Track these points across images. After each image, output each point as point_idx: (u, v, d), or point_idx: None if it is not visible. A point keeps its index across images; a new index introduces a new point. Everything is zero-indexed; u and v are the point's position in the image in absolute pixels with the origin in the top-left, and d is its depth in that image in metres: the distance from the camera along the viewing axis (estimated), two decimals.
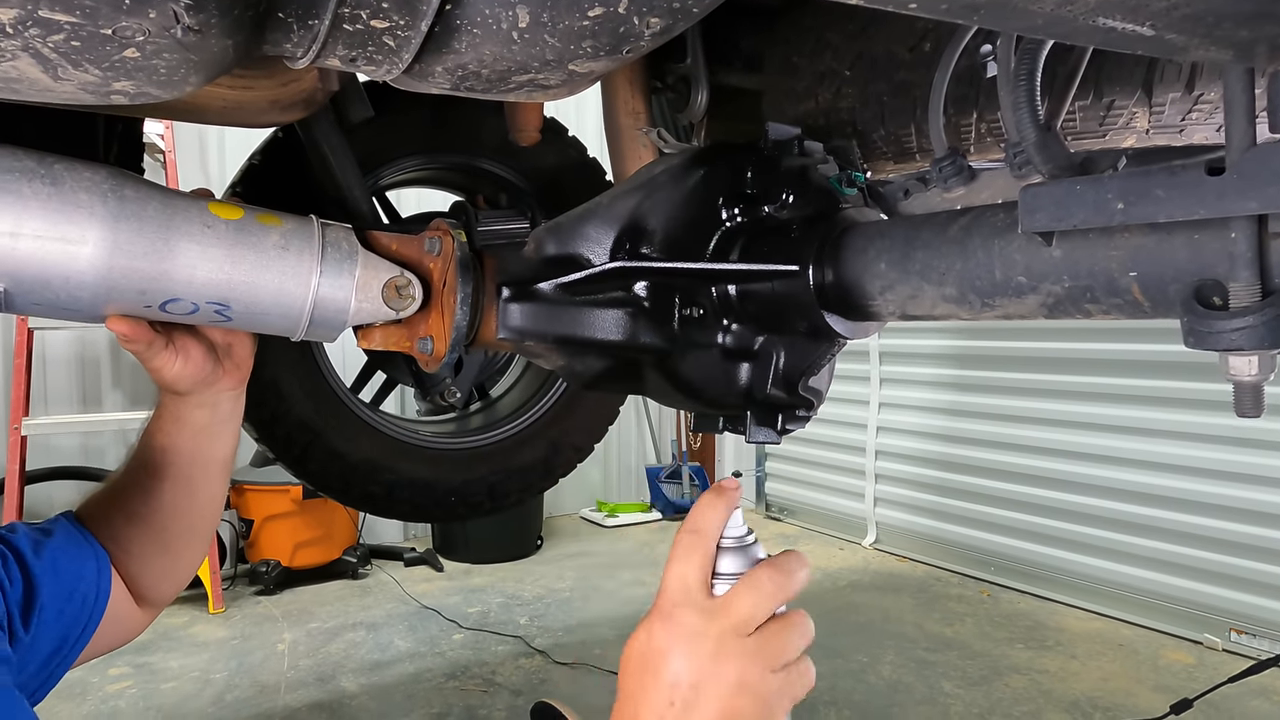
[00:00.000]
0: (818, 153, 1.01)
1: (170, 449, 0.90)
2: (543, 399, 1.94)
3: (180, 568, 0.96)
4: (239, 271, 0.80)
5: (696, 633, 0.54)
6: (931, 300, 0.76)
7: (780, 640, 0.56)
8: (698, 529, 0.58)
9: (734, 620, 0.54)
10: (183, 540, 0.94)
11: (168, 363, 0.83)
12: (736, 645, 0.54)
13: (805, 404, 0.98)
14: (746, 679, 0.53)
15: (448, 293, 0.91)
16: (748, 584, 0.56)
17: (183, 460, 0.90)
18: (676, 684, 0.53)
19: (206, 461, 0.92)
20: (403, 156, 1.68)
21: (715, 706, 0.53)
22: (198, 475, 0.92)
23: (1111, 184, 0.57)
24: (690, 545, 0.57)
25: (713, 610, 0.55)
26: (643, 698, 0.54)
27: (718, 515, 0.59)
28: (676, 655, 0.54)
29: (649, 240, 0.98)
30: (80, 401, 3.68)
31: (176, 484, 0.91)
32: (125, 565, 0.90)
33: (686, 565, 0.57)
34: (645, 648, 0.55)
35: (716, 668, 0.53)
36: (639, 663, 0.55)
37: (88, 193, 0.73)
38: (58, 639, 0.81)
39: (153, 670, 2.82)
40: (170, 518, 0.92)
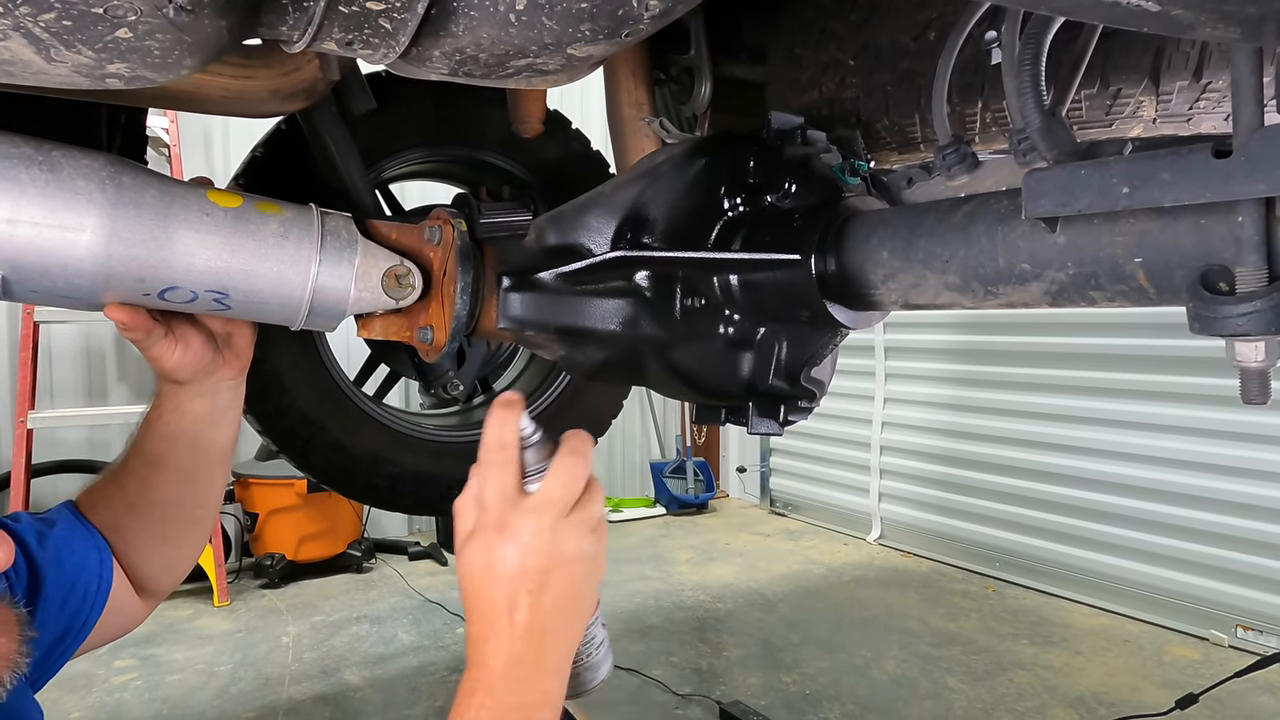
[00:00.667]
0: (820, 142, 1.01)
1: (170, 438, 0.89)
2: (546, 392, 1.93)
3: (181, 558, 0.96)
4: (238, 260, 0.79)
5: (534, 530, 0.60)
6: (934, 289, 0.75)
7: (591, 507, 0.63)
8: (502, 444, 0.63)
9: (558, 507, 0.61)
10: (183, 530, 0.94)
11: (167, 351, 0.82)
12: (566, 526, 0.61)
13: (807, 395, 0.98)
14: (581, 548, 0.62)
15: (448, 282, 0.91)
16: (558, 472, 0.63)
17: (183, 450, 0.90)
18: (527, 576, 0.59)
19: (207, 451, 0.91)
20: (405, 149, 1.67)
21: (564, 581, 0.60)
22: (198, 465, 0.91)
23: (1116, 168, 0.56)
24: (501, 460, 0.63)
25: (537, 507, 0.61)
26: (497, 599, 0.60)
27: (512, 428, 0.64)
28: (522, 553, 0.60)
29: (650, 230, 0.98)
30: (86, 395, 3.69)
31: (177, 474, 0.90)
32: (126, 556, 0.90)
33: (503, 478, 0.62)
34: (488, 558, 0.61)
35: (556, 551, 0.60)
36: (485, 572, 0.61)
37: (85, 179, 0.73)
38: (60, 629, 0.81)
39: (158, 662, 2.83)
40: (171, 507, 0.91)
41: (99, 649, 0.89)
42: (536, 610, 0.59)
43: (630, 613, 3.29)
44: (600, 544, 0.64)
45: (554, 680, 0.61)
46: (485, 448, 0.64)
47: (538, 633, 0.59)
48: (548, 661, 0.60)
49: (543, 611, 0.60)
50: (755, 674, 2.71)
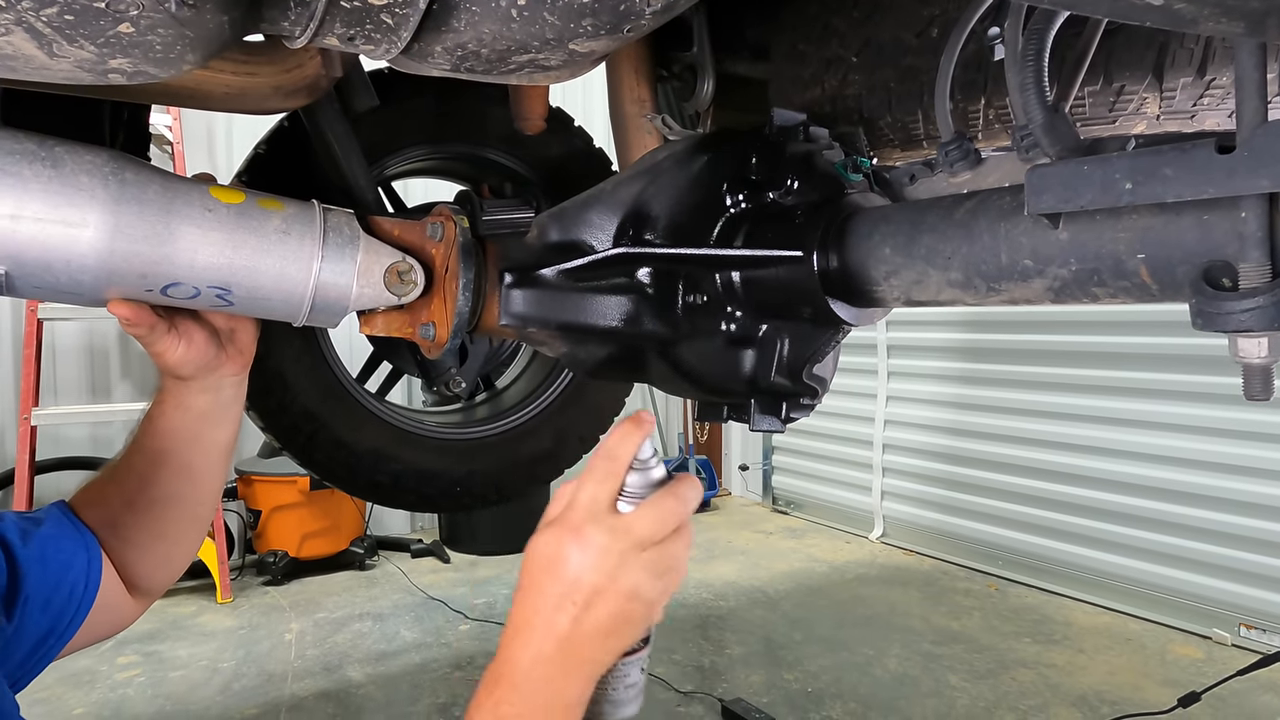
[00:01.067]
0: (823, 139, 1.00)
1: (172, 434, 0.89)
2: (549, 389, 1.93)
3: (177, 555, 0.95)
4: (240, 256, 0.79)
5: (603, 548, 0.60)
6: (937, 285, 0.75)
7: (671, 554, 0.63)
8: (614, 456, 0.63)
9: (636, 539, 0.61)
10: (181, 528, 0.93)
11: (170, 347, 0.82)
12: (635, 561, 0.60)
13: (809, 392, 0.98)
14: (640, 589, 0.61)
15: (450, 278, 0.91)
16: (652, 507, 0.62)
17: (184, 446, 0.89)
18: (578, 586, 0.60)
19: (208, 447, 0.91)
20: (408, 146, 1.67)
21: (610, 609, 0.60)
22: (198, 461, 0.91)
23: (1119, 163, 0.56)
24: (606, 471, 0.63)
25: (618, 530, 0.61)
26: (547, 591, 0.60)
27: (632, 444, 0.64)
28: (582, 565, 0.60)
29: (653, 226, 0.98)
30: (89, 392, 3.70)
31: (177, 470, 0.90)
32: (121, 553, 0.89)
33: (600, 487, 0.63)
34: (554, 552, 0.61)
35: (616, 579, 0.60)
36: (544, 563, 0.61)
37: (89, 175, 0.73)
38: (44, 630, 0.80)
39: (161, 659, 2.84)
40: (170, 504, 0.91)
41: (95, 646, 0.88)
42: (577, 624, 0.59)
43: None
44: (665, 590, 0.63)
45: (573, 691, 0.60)
46: (598, 453, 0.65)
47: (571, 644, 0.59)
48: (571, 675, 0.60)
49: (582, 628, 0.59)
50: (757, 672, 2.71)
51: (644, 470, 0.65)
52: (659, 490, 0.64)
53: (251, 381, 1.65)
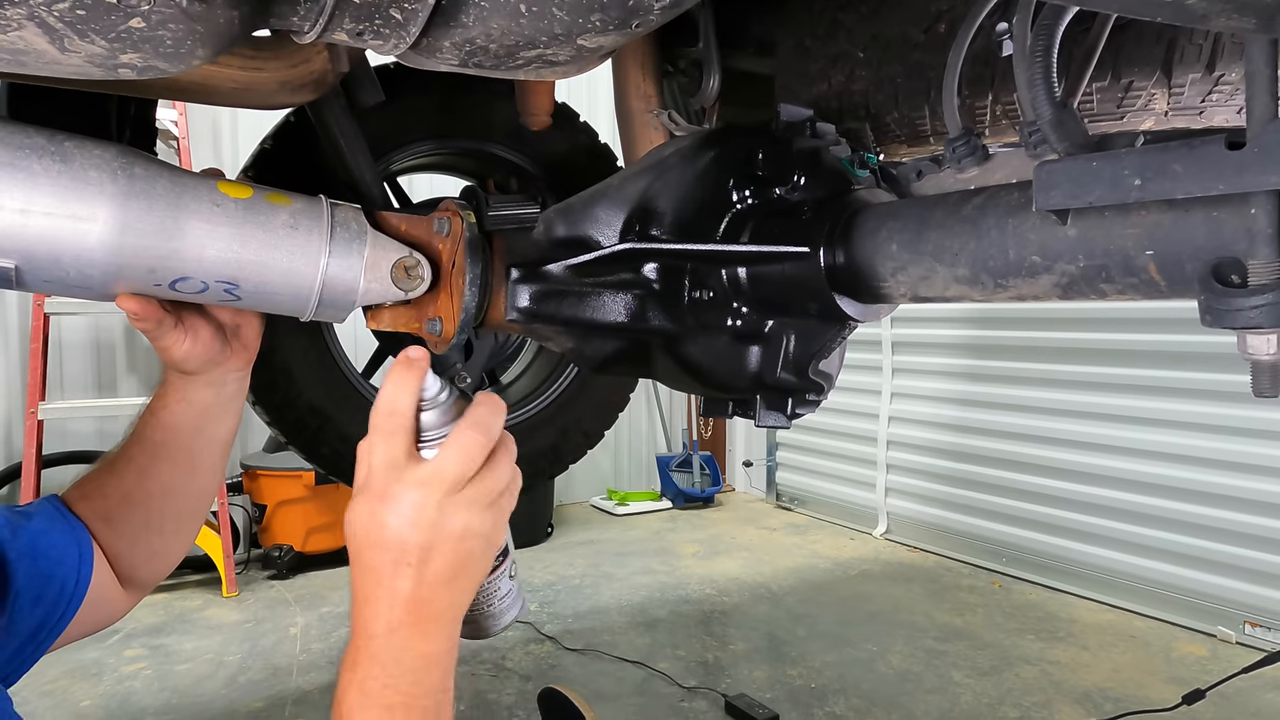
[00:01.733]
0: (830, 134, 1.00)
1: (173, 427, 0.89)
2: (553, 385, 1.94)
3: (171, 549, 0.94)
4: (248, 250, 0.80)
5: (417, 504, 0.58)
6: (944, 281, 0.75)
7: (490, 480, 0.61)
8: (394, 409, 0.61)
9: (448, 483, 0.59)
10: (176, 522, 0.92)
11: (176, 342, 0.83)
12: (454, 503, 0.59)
13: (815, 388, 0.98)
14: (470, 526, 0.59)
15: (456, 274, 0.91)
16: (454, 446, 0.60)
17: (185, 439, 0.89)
18: (406, 547, 0.58)
19: (209, 441, 0.91)
20: (413, 141, 1.67)
21: (447, 557, 0.58)
22: (198, 454, 0.91)
23: (1129, 159, 0.56)
24: (390, 426, 0.60)
25: (426, 479, 0.59)
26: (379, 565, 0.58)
27: (408, 391, 0.61)
28: (402, 526, 0.58)
29: (659, 222, 0.98)
30: (96, 386, 3.71)
31: (176, 462, 0.89)
32: (115, 546, 0.89)
33: (391, 444, 0.60)
34: (370, 522, 0.59)
35: (441, 527, 0.58)
36: (365, 536, 0.60)
37: (97, 170, 0.73)
38: (34, 625, 0.80)
39: (167, 652, 2.85)
40: (167, 498, 0.90)
41: (101, 638, 0.87)
42: (419, 582, 0.58)
43: (636, 606, 3.30)
44: (498, 516, 0.62)
45: (437, 644, 0.59)
46: (376, 410, 0.62)
47: (419, 602, 0.58)
48: (429, 631, 0.59)
49: (425, 583, 0.58)
50: (761, 667, 2.72)
51: (435, 407, 0.62)
52: (457, 424, 0.61)
53: (258, 376, 1.65)
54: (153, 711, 2.44)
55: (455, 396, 0.64)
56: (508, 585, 0.70)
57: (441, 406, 0.63)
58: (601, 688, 2.57)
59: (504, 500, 0.63)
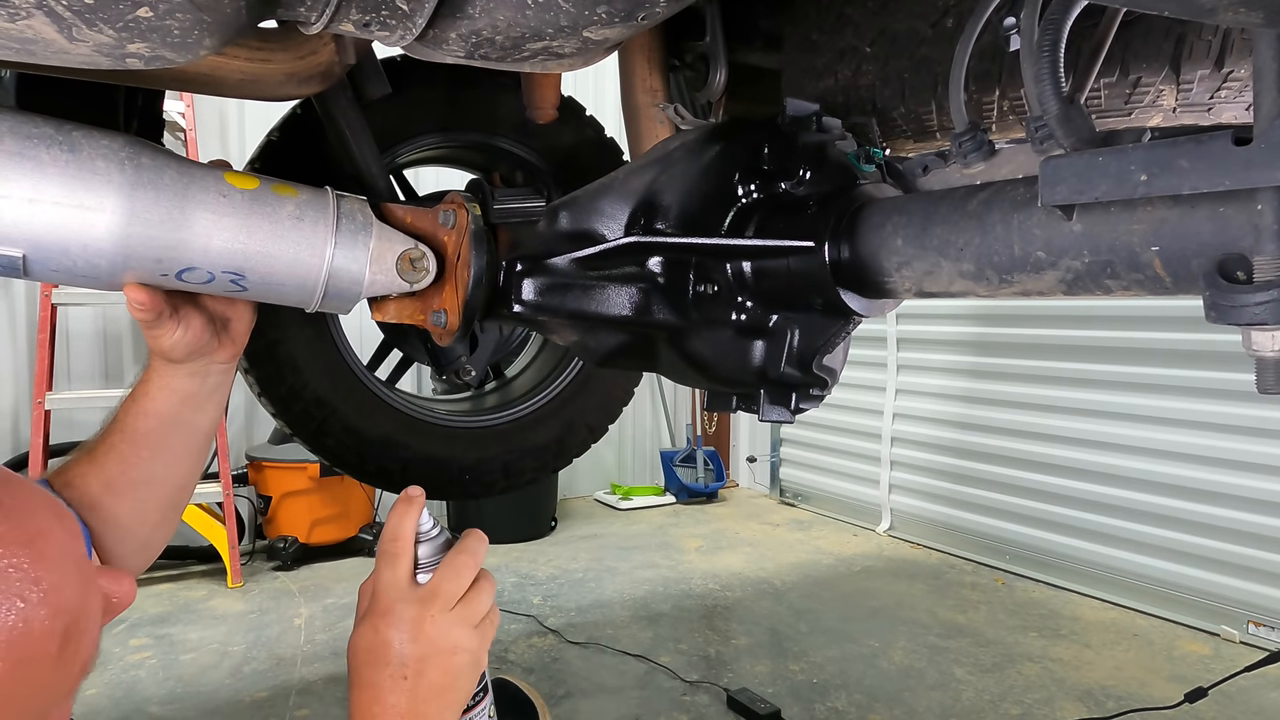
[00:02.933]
0: (836, 129, 1.00)
1: (155, 415, 0.88)
2: (558, 379, 1.94)
3: (154, 540, 0.93)
4: (254, 241, 0.80)
5: (415, 619, 0.66)
6: (949, 276, 0.75)
7: (476, 603, 0.69)
8: (396, 537, 0.70)
9: (441, 600, 0.67)
10: (160, 513, 0.91)
11: (169, 331, 0.83)
12: (446, 620, 0.67)
13: (819, 383, 0.98)
14: (459, 642, 0.67)
15: (461, 266, 0.91)
16: (447, 568, 0.69)
17: (166, 428, 0.88)
18: (405, 662, 0.65)
19: (190, 431, 0.90)
20: (419, 134, 1.67)
21: (439, 670, 0.66)
22: (179, 445, 0.90)
23: (1135, 155, 0.56)
24: (394, 553, 0.69)
25: (422, 598, 0.67)
26: (379, 681, 0.65)
27: (410, 522, 0.70)
28: (402, 640, 0.65)
29: (664, 216, 0.98)
30: (102, 377, 3.72)
31: (158, 452, 0.88)
32: (101, 536, 0.87)
33: (394, 569, 0.69)
34: (373, 641, 0.67)
35: (435, 640, 0.66)
36: (368, 654, 0.67)
37: (105, 160, 0.73)
38: None
39: (172, 641, 2.87)
40: (150, 488, 0.89)
41: (107, 628, 0.86)
42: (413, 695, 0.65)
43: (639, 600, 3.30)
44: (483, 638, 0.69)
45: None
46: (383, 539, 0.70)
47: (414, 715, 0.64)
48: None
49: (419, 696, 0.65)
50: (763, 662, 2.72)
51: (429, 540, 0.71)
52: (452, 550, 0.71)
53: (264, 368, 1.65)
54: (158, 700, 2.46)
55: (445, 534, 0.74)
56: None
57: (434, 541, 0.72)
58: (604, 681, 2.58)
59: (487, 623, 0.70)
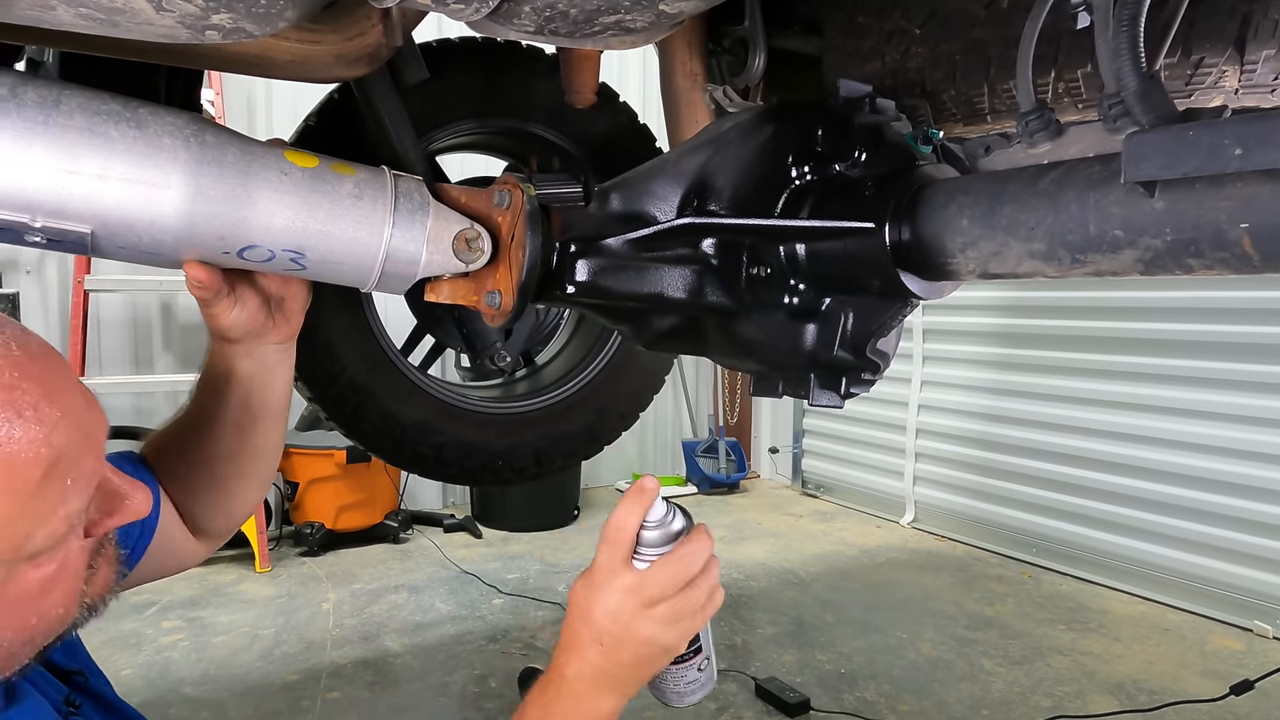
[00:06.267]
0: (890, 110, 0.99)
1: (220, 395, 0.93)
2: (589, 366, 1.93)
3: (235, 505, 1.00)
4: (315, 220, 0.80)
5: (618, 606, 0.73)
6: (1017, 257, 0.74)
7: (683, 606, 0.74)
8: (620, 528, 0.75)
9: (646, 597, 0.73)
10: (235, 481, 0.98)
11: (226, 309, 0.84)
12: (646, 616, 0.73)
13: (871, 367, 0.97)
14: (654, 637, 0.73)
15: (515, 247, 0.91)
16: (660, 570, 0.74)
17: (233, 407, 0.93)
18: (604, 632, 0.73)
19: (258, 409, 0.95)
20: (455, 120, 1.66)
21: (630, 653, 0.73)
22: (247, 422, 0.95)
23: (1229, 129, 0.54)
24: (614, 541, 0.75)
25: (630, 588, 0.73)
26: (581, 633, 0.74)
27: (635, 517, 0.75)
28: (604, 618, 0.73)
29: (717, 197, 0.97)
30: (133, 363, 3.76)
31: (227, 428, 0.94)
32: (182, 499, 0.95)
33: (613, 553, 0.75)
34: (583, 602, 0.75)
35: (631, 629, 0.73)
36: (578, 609, 0.75)
37: (171, 137, 0.73)
38: None
39: (204, 624, 2.90)
40: (222, 461, 0.95)
41: (139, 612, 0.89)
42: (607, 658, 0.73)
43: None
44: (682, 633, 0.75)
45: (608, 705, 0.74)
46: (608, 523, 0.76)
47: (603, 671, 0.74)
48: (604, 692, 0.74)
49: (611, 662, 0.73)
50: (789, 651, 2.72)
51: (657, 529, 0.76)
52: (669, 552, 0.75)
53: (301, 353, 1.66)
54: (191, 681, 2.49)
55: (679, 522, 0.77)
56: (694, 675, 0.83)
57: (663, 529, 0.76)
58: None
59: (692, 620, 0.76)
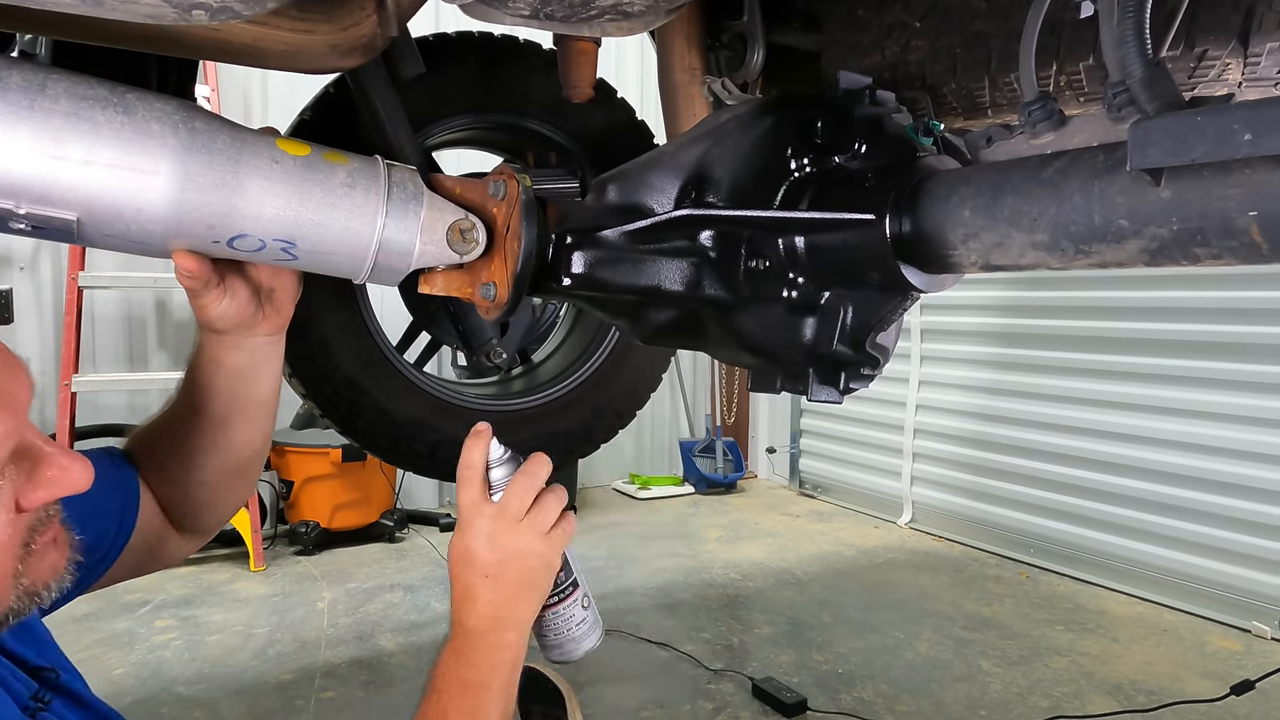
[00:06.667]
0: (890, 102, 0.98)
1: (207, 389, 0.91)
2: (586, 363, 1.92)
3: (221, 502, 0.99)
4: (306, 209, 0.79)
5: (489, 531, 0.80)
6: (1019, 248, 0.73)
7: (543, 515, 0.81)
8: (468, 465, 0.82)
9: (510, 513, 0.80)
10: (222, 476, 0.96)
11: (215, 300, 0.83)
12: (515, 529, 0.80)
13: (871, 361, 0.96)
14: (529, 547, 0.80)
15: (511, 238, 0.89)
16: (511, 487, 0.81)
17: (220, 401, 0.92)
18: (485, 562, 0.79)
19: (244, 403, 0.93)
20: (451, 115, 1.65)
21: (514, 571, 0.80)
22: (235, 416, 0.93)
23: (1238, 114, 0.53)
24: (467, 478, 0.82)
25: (494, 513, 0.80)
26: (469, 580, 0.80)
27: (478, 452, 0.82)
28: (481, 547, 0.79)
29: (715, 189, 0.96)
30: (127, 360, 3.74)
31: (214, 423, 0.92)
32: (166, 494, 0.94)
33: (469, 491, 0.82)
34: (461, 549, 0.81)
35: (507, 547, 0.79)
36: (459, 560, 0.81)
37: (159, 123, 0.72)
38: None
39: (197, 623, 2.89)
40: (208, 455, 0.94)
41: (133, 611, 0.89)
42: (495, 589, 0.79)
43: (659, 588, 3.29)
44: (552, 542, 0.82)
45: (509, 638, 0.79)
46: (459, 467, 0.82)
47: (497, 605, 0.79)
48: (505, 627, 0.79)
49: (501, 591, 0.79)
50: (786, 651, 2.71)
51: (500, 464, 0.83)
52: (515, 472, 0.82)
53: (295, 349, 1.64)
54: (184, 681, 2.47)
55: (516, 458, 0.85)
56: (581, 614, 0.88)
57: (505, 465, 0.83)
58: (627, 668, 2.58)
59: (557, 531, 0.83)
